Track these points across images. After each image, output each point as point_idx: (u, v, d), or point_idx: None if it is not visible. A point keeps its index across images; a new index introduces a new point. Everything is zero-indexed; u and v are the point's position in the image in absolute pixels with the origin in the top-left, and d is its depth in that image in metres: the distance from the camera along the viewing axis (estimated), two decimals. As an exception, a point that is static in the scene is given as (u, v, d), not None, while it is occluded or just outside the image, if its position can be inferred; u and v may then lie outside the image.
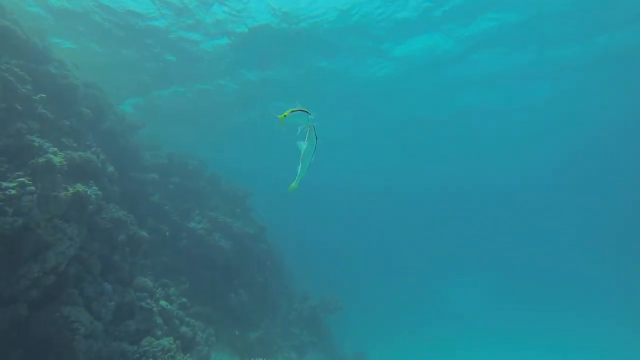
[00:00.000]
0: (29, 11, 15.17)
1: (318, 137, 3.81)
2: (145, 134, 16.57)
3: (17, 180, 6.29)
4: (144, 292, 10.53)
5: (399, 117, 27.68)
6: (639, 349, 23.75)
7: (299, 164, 3.96)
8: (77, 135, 10.43)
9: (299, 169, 3.96)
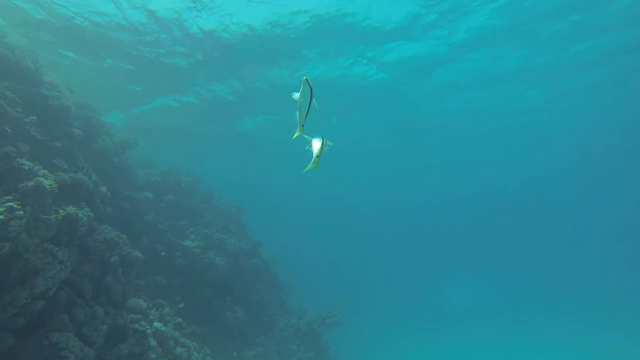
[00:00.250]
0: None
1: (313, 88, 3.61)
2: (136, 151, 16.51)
3: (5, 205, 6.23)
4: (138, 313, 10.39)
5: (393, 122, 27.53)
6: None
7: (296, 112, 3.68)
8: (68, 156, 10.40)
9: (297, 115, 3.68)
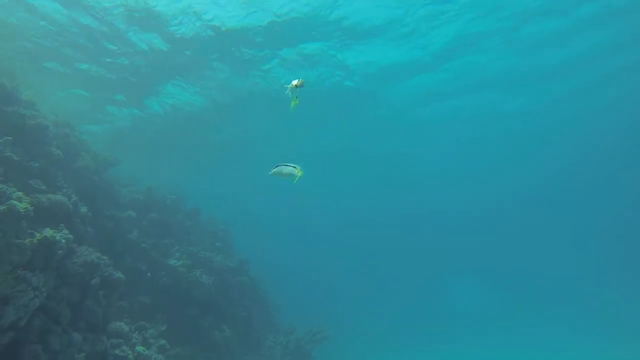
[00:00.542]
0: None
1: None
2: (119, 168, 16.17)
3: (-26, 231, 6.00)
4: (119, 337, 10.10)
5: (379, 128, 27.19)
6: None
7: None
8: (46, 176, 10.14)
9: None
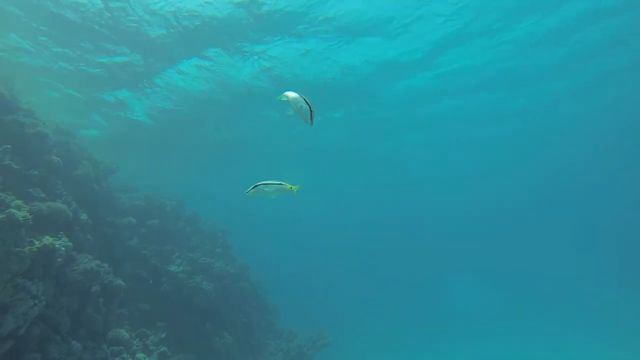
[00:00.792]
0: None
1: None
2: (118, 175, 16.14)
3: (-27, 240, 6.01)
4: (119, 345, 10.06)
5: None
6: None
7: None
8: (45, 184, 10.17)
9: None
